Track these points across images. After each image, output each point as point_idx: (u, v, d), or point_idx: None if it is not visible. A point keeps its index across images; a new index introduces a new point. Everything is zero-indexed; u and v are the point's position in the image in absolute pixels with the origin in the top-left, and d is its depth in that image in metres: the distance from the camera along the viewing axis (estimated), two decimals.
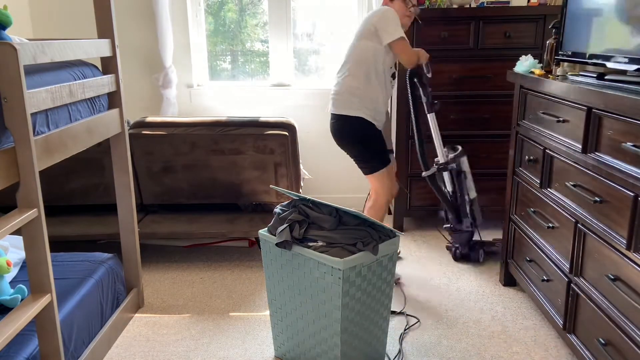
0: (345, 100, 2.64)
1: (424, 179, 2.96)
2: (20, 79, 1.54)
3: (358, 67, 2.62)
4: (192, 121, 3.03)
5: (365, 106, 2.63)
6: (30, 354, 1.71)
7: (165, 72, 3.63)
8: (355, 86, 2.63)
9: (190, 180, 3.04)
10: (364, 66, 2.62)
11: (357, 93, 2.63)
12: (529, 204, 2.41)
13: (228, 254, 3.20)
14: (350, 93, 2.63)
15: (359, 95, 2.63)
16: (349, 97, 2.63)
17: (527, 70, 2.48)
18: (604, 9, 2.02)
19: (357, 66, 2.63)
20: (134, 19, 3.66)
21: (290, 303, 2.07)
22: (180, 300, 2.67)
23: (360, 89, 2.62)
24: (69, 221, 3.08)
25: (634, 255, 1.60)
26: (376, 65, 2.63)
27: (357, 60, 2.63)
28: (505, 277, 2.75)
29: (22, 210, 1.62)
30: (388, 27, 2.57)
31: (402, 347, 2.24)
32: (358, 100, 2.63)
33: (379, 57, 2.62)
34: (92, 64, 2.23)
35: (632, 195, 1.60)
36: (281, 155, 2.94)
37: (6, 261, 1.87)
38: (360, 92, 2.63)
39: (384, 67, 2.65)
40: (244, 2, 3.87)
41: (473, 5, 3.24)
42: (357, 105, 2.63)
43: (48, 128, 1.78)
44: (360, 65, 2.62)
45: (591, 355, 1.87)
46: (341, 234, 1.93)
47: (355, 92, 2.63)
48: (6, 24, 1.70)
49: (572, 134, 1.99)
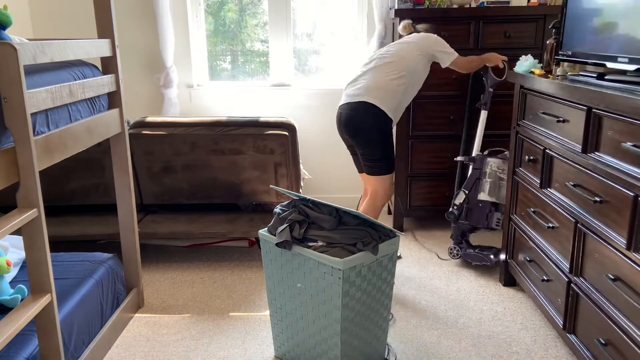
0: (383, 96, 2.64)
1: (424, 179, 2.96)
2: (20, 79, 1.54)
3: (408, 73, 2.67)
4: (192, 121, 3.03)
5: (396, 110, 2.68)
6: (30, 354, 1.71)
7: (166, 72, 3.63)
8: (399, 90, 2.66)
9: (190, 180, 3.04)
10: (410, 76, 2.68)
11: (396, 95, 2.65)
12: (529, 204, 2.41)
13: (228, 254, 3.20)
14: (392, 91, 2.64)
15: (398, 99, 2.66)
16: (387, 94, 2.64)
17: (527, 70, 2.48)
18: (604, 9, 2.02)
19: (407, 72, 2.67)
20: (135, 19, 3.66)
21: (290, 303, 2.07)
22: (180, 300, 2.67)
23: (400, 92, 2.66)
24: (69, 221, 3.08)
25: (634, 255, 1.60)
26: (419, 80, 2.75)
27: (408, 68, 2.67)
28: (505, 277, 2.75)
29: (22, 210, 1.62)
30: (446, 49, 2.74)
31: (391, 346, 2.24)
32: (395, 102, 2.65)
33: (422, 75, 2.76)
34: (92, 64, 2.23)
35: (632, 195, 1.60)
36: (281, 155, 2.94)
37: (6, 261, 1.87)
38: (399, 97, 2.66)
39: (419, 85, 2.78)
40: (244, 2, 3.87)
41: (473, 5, 3.24)
42: (391, 105, 2.64)
43: (48, 128, 1.78)
44: (411, 73, 2.68)
45: (591, 355, 1.87)
46: (341, 234, 1.93)
47: (396, 93, 2.65)
48: (6, 24, 1.70)
49: (572, 134, 1.99)
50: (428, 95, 3.24)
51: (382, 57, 2.72)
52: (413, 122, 3.31)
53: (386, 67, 2.68)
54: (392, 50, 2.73)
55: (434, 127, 3.30)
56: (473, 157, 2.96)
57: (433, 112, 3.29)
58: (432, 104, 3.27)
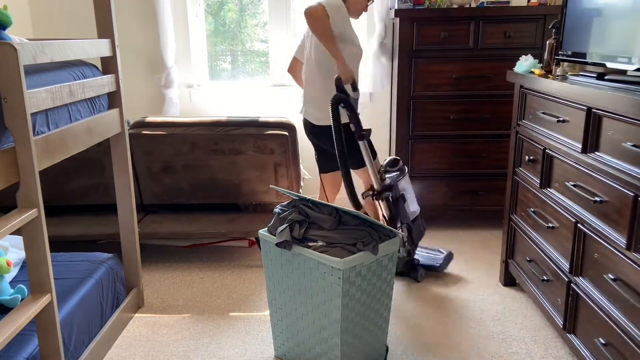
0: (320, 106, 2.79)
1: (422, 180, 2.93)
2: (20, 79, 1.54)
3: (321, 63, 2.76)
4: (192, 121, 3.03)
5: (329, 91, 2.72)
6: (30, 354, 1.71)
7: (167, 72, 3.63)
8: (325, 82, 2.76)
9: (190, 180, 3.04)
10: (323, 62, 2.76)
11: (326, 87, 2.72)
12: (529, 204, 2.41)
13: (228, 254, 3.20)
14: (325, 91, 2.73)
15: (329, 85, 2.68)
16: (322, 99, 2.74)
17: (527, 70, 2.48)
18: (604, 9, 2.02)
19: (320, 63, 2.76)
20: (136, 20, 3.66)
21: (290, 303, 2.07)
22: (180, 300, 2.67)
23: (327, 82, 2.74)
24: (69, 221, 3.08)
25: (634, 255, 1.60)
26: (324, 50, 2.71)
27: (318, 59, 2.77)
28: (505, 277, 2.75)
29: (22, 210, 1.62)
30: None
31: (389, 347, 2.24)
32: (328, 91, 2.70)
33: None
34: (92, 64, 2.23)
35: (632, 195, 1.60)
36: (281, 155, 2.94)
37: (6, 261, 1.87)
38: (328, 84, 2.70)
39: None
40: (244, 2, 3.87)
41: (473, 5, 3.24)
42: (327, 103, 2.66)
43: (48, 128, 1.78)
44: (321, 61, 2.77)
45: (591, 355, 1.87)
46: (341, 234, 1.93)
47: (325, 87, 2.74)
48: (6, 24, 1.70)
49: (572, 134, 1.99)
50: (428, 95, 3.25)
51: (307, 59, 2.80)
52: (413, 123, 3.31)
53: (309, 71, 2.78)
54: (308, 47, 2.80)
55: (434, 127, 3.30)
56: (382, 190, 2.63)
57: (433, 112, 3.29)
58: (432, 104, 3.27)
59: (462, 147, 3.33)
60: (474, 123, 3.29)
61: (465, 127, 3.30)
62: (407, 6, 3.25)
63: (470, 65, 3.22)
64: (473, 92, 3.25)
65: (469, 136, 3.31)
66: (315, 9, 2.56)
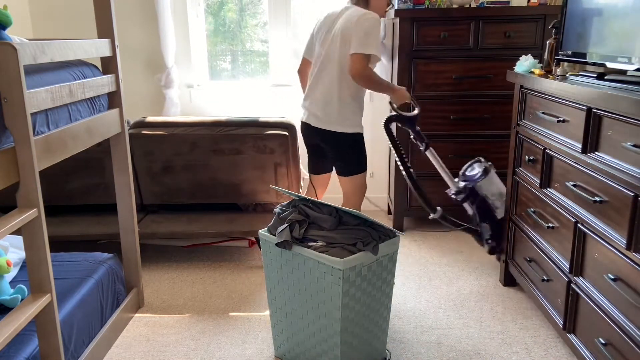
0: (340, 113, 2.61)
1: (424, 179, 2.93)
2: (20, 79, 1.54)
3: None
4: (192, 121, 3.03)
5: (356, 111, 2.66)
6: (30, 354, 1.71)
7: (168, 72, 3.63)
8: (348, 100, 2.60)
9: (190, 180, 3.04)
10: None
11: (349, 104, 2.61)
12: (529, 204, 2.41)
13: (228, 254, 3.20)
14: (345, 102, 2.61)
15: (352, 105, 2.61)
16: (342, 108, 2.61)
17: (527, 70, 2.48)
18: (604, 9, 2.02)
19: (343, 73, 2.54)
20: (136, 20, 3.66)
21: (290, 303, 2.07)
22: (180, 300, 2.67)
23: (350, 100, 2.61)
24: (69, 221, 3.08)
25: (634, 255, 1.60)
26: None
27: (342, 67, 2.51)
28: (505, 277, 2.75)
29: (22, 210, 1.62)
30: (369, 40, 2.37)
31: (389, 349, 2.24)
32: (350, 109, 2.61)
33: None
34: (92, 64, 2.23)
35: (632, 195, 1.60)
36: (281, 155, 2.94)
37: (6, 261, 1.87)
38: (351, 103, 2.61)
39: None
40: (244, 2, 3.87)
41: (473, 5, 3.24)
42: (352, 116, 2.63)
43: (48, 128, 1.78)
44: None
45: (591, 355, 1.87)
46: (341, 234, 1.93)
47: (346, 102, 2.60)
48: (6, 24, 1.70)
49: (572, 134, 1.99)
50: (428, 95, 3.25)
51: (322, 60, 2.52)
52: None
53: (327, 72, 2.50)
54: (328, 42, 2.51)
55: (434, 127, 3.30)
56: (461, 189, 2.72)
57: (433, 112, 3.29)
58: (432, 103, 3.27)
59: (462, 147, 3.33)
60: (474, 123, 3.29)
61: (465, 127, 3.30)
62: (407, 6, 3.25)
63: (470, 65, 3.22)
64: (473, 92, 3.25)
65: (469, 136, 3.31)
66: (358, 70, 2.34)
